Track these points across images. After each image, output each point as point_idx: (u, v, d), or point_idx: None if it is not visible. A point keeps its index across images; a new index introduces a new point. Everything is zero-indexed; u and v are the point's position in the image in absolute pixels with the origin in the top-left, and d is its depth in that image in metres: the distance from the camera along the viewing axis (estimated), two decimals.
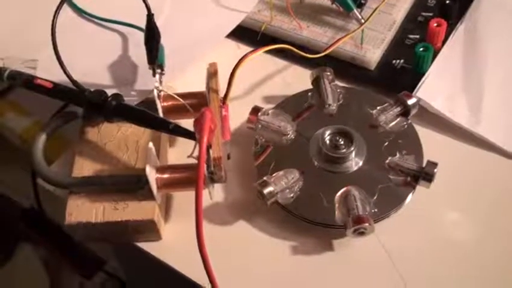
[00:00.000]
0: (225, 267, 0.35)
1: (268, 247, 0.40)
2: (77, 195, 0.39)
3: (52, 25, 0.40)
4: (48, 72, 0.44)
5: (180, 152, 0.43)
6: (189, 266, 0.38)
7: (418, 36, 0.50)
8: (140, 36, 0.45)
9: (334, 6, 0.51)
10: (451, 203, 0.41)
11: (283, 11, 0.51)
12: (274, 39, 0.51)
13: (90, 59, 0.49)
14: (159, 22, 0.45)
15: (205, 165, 0.36)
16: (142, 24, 0.44)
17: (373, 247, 0.39)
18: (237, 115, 0.44)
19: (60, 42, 0.42)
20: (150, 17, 0.43)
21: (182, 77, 0.47)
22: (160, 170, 0.39)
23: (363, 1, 0.50)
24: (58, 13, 0.40)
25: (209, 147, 0.37)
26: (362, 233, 0.37)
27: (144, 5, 0.44)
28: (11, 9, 0.52)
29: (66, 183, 0.40)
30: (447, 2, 0.50)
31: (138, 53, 0.45)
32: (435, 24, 0.47)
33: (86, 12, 0.52)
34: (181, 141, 0.40)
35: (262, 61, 0.47)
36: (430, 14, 0.51)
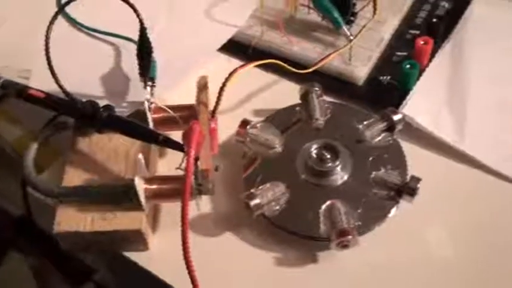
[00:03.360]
0: (211, 278, 0.35)
1: (253, 259, 0.40)
2: (66, 205, 0.40)
3: (46, 36, 0.41)
4: (42, 82, 0.45)
5: (170, 162, 0.44)
6: (175, 277, 0.39)
7: (405, 54, 0.51)
8: (134, 49, 0.45)
9: (324, 22, 0.52)
10: (434, 217, 0.42)
11: (274, 26, 0.52)
12: (265, 54, 0.51)
13: (84, 70, 0.50)
14: (152, 35, 0.45)
15: (192, 177, 0.37)
16: (136, 36, 0.45)
17: (356, 260, 0.40)
18: (227, 128, 0.45)
19: (54, 53, 0.43)
20: (142, 30, 0.43)
21: (174, 90, 0.48)
22: (148, 180, 0.39)
23: (351, 18, 0.51)
24: (52, 25, 0.41)
25: (197, 159, 0.38)
26: (346, 246, 0.38)
27: (137, 18, 0.44)
28: (6, 19, 0.53)
29: (56, 192, 0.40)
30: (434, 20, 0.51)
31: (131, 65, 0.46)
32: (422, 42, 0.48)
33: (80, 24, 0.53)
34: (171, 152, 0.41)
35: (252, 75, 0.48)
36: (417, 32, 0.52)
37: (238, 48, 0.52)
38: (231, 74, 0.42)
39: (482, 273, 0.39)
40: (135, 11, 0.41)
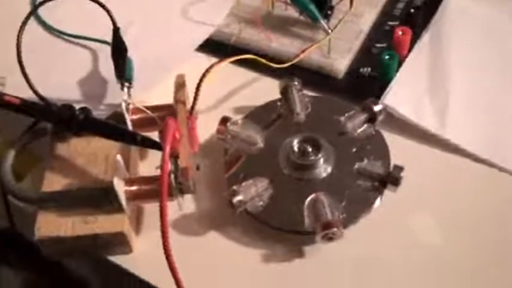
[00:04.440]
0: (198, 278, 0.35)
1: (239, 256, 0.40)
2: (46, 210, 0.39)
3: (18, 39, 0.40)
4: (18, 89, 0.44)
5: (152, 164, 0.43)
6: (161, 278, 0.38)
7: (384, 45, 0.51)
8: (110, 51, 0.45)
9: (301, 17, 0.52)
10: (419, 207, 0.41)
11: (252, 23, 0.52)
12: (244, 51, 0.51)
13: (61, 75, 0.49)
14: (128, 36, 0.45)
15: (172, 176, 0.37)
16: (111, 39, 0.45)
17: (343, 252, 0.39)
18: (208, 127, 0.45)
19: (30, 59, 0.42)
20: (116, 31, 0.43)
21: (153, 91, 0.47)
22: (128, 182, 0.39)
23: (329, 12, 0.51)
24: (24, 27, 0.41)
25: (177, 157, 0.37)
26: (331, 238, 0.37)
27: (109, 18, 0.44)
28: None
29: (35, 198, 0.39)
30: (411, 10, 0.51)
31: (108, 67, 0.46)
32: (400, 33, 0.48)
33: (55, 29, 0.53)
34: (152, 153, 0.40)
35: (232, 73, 0.48)
36: (396, 23, 0.52)
37: (217, 47, 0.52)
38: (207, 70, 0.42)
39: (469, 261, 0.39)
40: (107, 11, 0.41)
